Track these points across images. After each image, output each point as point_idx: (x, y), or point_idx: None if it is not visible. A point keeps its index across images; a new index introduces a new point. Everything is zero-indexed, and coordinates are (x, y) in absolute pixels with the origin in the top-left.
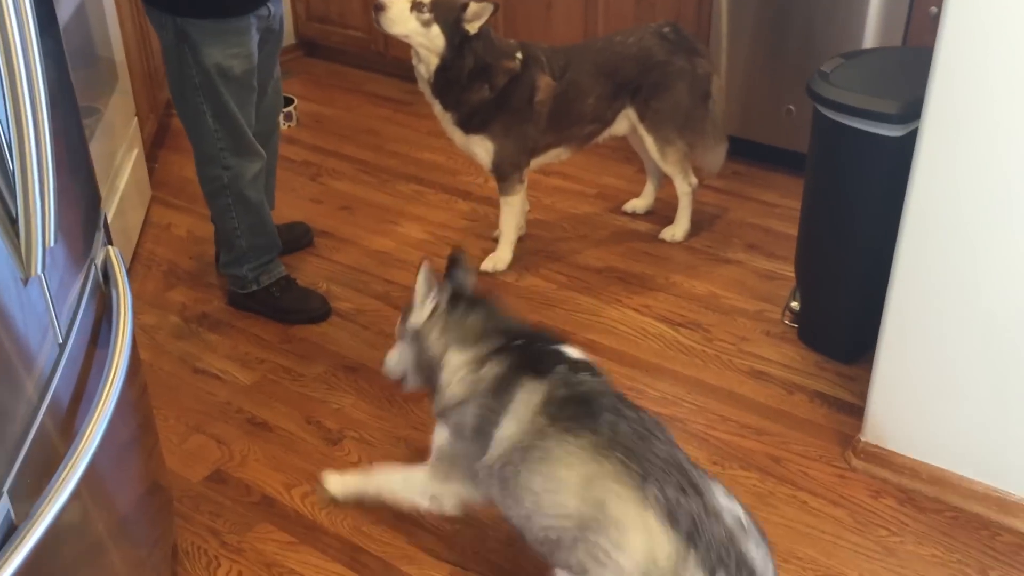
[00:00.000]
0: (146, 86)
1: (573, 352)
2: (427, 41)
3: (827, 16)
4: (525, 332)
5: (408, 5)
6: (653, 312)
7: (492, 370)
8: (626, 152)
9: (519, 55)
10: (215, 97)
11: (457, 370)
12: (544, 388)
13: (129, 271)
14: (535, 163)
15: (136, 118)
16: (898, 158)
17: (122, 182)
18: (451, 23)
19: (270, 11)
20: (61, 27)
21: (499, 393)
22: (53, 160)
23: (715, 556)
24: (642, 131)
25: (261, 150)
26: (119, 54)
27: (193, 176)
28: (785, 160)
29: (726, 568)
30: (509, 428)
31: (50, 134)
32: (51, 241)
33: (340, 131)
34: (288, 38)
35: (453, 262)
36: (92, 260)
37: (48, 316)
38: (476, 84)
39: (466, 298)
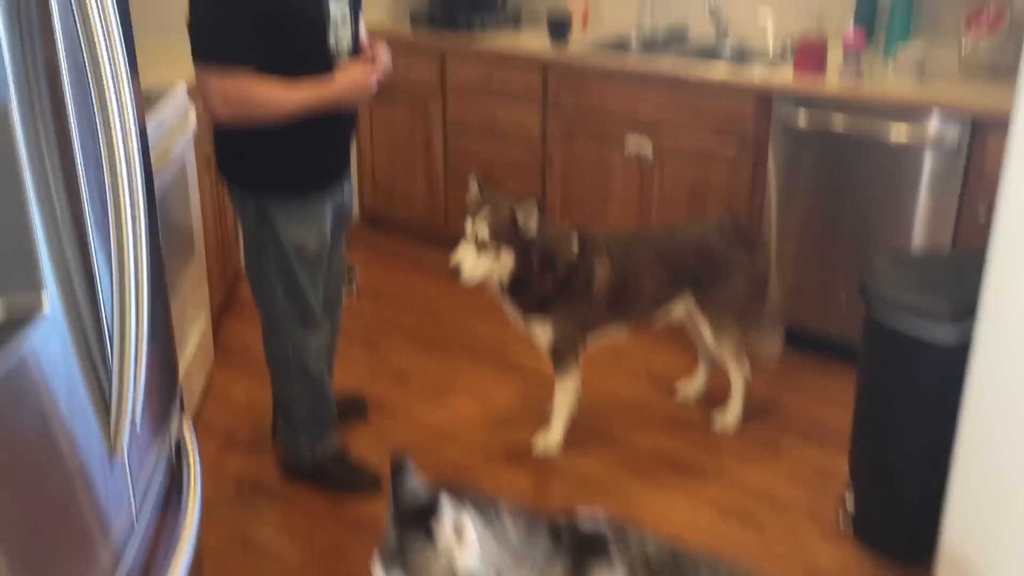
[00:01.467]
0: (218, 255)
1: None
2: (502, 266)
3: (877, 212)
4: None
5: (474, 252)
6: (704, 501)
7: None
8: (677, 333)
9: (575, 244)
10: (289, 273)
11: None
12: None
13: None
14: (591, 342)
15: (207, 286)
16: (953, 364)
17: (189, 348)
18: (513, 238)
19: (343, 192)
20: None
21: None
22: (149, 347)
23: None
24: (699, 317)
25: (326, 324)
26: (197, 224)
27: (255, 343)
28: (838, 348)
29: None
30: None
31: (149, 323)
32: (138, 423)
33: (398, 303)
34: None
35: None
36: (168, 433)
37: (126, 494)
38: (542, 276)
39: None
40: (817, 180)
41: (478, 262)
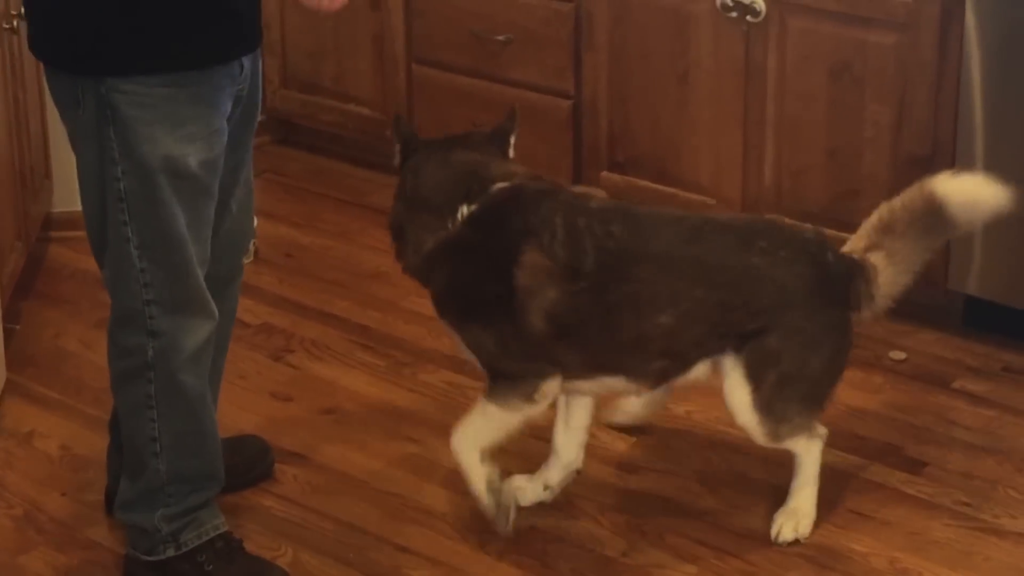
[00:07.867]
0: (12, 194)
1: None
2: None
3: None
4: None
5: None
6: None
7: None
8: None
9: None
10: (149, 212)
11: None
12: None
13: None
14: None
15: None
16: None
17: None
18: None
19: (243, 67)
20: None
21: None
22: None
23: None
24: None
25: (213, 306)
26: None
27: (77, 350)
28: None
29: None
30: None
31: None
32: None
33: (327, 274)
34: None
35: None
36: None
37: None
38: (430, 208)
39: None
40: None
41: None
